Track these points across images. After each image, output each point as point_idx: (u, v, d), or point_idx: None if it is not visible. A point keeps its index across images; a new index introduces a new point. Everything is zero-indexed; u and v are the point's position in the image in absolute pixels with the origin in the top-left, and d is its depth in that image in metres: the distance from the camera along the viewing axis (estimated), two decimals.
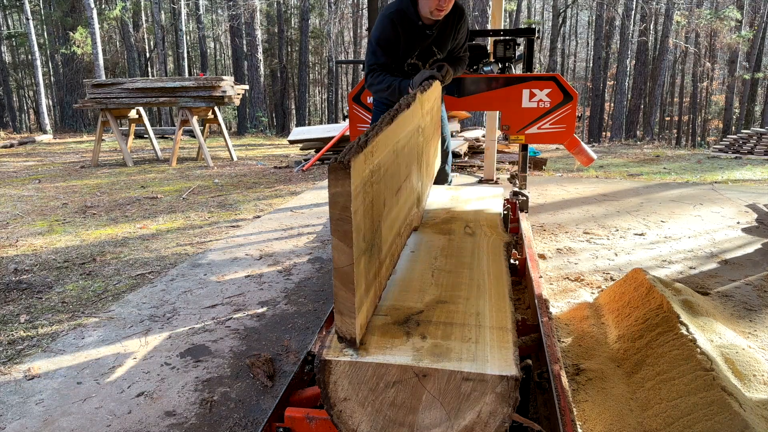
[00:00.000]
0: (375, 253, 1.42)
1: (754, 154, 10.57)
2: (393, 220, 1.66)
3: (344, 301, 1.24)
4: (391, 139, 1.58)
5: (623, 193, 5.95)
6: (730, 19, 20.49)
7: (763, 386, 2.05)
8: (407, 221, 1.95)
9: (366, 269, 1.33)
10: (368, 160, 1.31)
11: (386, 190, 1.53)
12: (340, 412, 1.27)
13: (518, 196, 3.94)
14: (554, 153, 10.90)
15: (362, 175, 1.25)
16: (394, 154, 1.63)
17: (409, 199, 1.98)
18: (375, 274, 1.44)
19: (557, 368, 1.72)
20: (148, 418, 2.07)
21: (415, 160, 2.08)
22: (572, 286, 3.26)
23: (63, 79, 19.73)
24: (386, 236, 1.56)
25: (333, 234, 1.20)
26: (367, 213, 1.31)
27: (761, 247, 3.96)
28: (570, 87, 3.76)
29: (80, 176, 7.87)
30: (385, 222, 1.53)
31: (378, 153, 1.41)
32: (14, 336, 2.76)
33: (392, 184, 1.62)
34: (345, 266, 1.21)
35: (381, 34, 2.77)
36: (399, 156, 1.71)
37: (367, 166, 1.30)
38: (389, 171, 1.57)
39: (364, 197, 1.27)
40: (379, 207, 1.44)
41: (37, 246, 4.32)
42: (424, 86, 2.41)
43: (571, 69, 33.21)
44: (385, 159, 1.50)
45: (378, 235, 1.45)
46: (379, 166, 1.43)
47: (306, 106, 25.47)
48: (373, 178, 1.37)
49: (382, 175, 1.46)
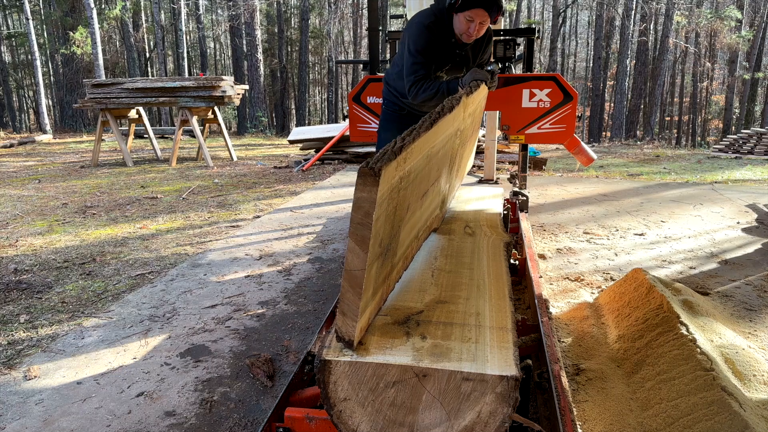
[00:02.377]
0: (389, 257, 1.40)
1: (754, 154, 10.57)
2: (414, 223, 1.63)
3: (350, 304, 1.24)
4: (426, 144, 1.53)
5: (623, 193, 5.94)
6: (730, 19, 20.48)
7: (763, 386, 2.05)
8: (428, 224, 1.92)
9: (377, 273, 1.32)
10: (400, 167, 1.28)
11: (412, 195, 1.50)
12: (340, 412, 1.27)
13: (518, 196, 3.94)
14: (554, 153, 10.89)
15: (391, 182, 1.22)
16: (427, 159, 1.58)
17: (434, 202, 1.96)
18: (385, 278, 1.43)
19: (557, 368, 1.72)
20: (148, 418, 2.07)
21: (447, 163, 2.04)
22: (572, 286, 3.26)
23: (63, 79, 19.73)
24: (404, 240, 1.53)
25: (350, 236, 1.19)
26: (388, 219, 1.29)
27: (761, 247, 3.96)
28: (570, 87, 3.76)
29: (80, 176, 7.87)
30: (405, 226, 1.50)
31: (411, 159, 1.37)
32: (14, 336, 2.76)
33: (419, 189, 1.58)
34: (357, 270, 1.19)
35: (425, 44, 2.59)
36: (431, 161, 1.67)
37: (398, 173, 1.27)
38: (419, 176, 1.53)
39: (388, 204, 1.25)
40: (401, 212, 1.41)
41: (37, 246, 4.32)
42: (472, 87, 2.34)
43: (571, 69, 33.21)
44: (417, 165, 1.46)
45: (396, 239, 1.42)
46: (409, 172, 1.39)
47: (306, 106, 25.48)
48: (402, 184, 1.33)
49: (411, 180, 1.42)
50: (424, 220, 1.83)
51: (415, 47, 2.58)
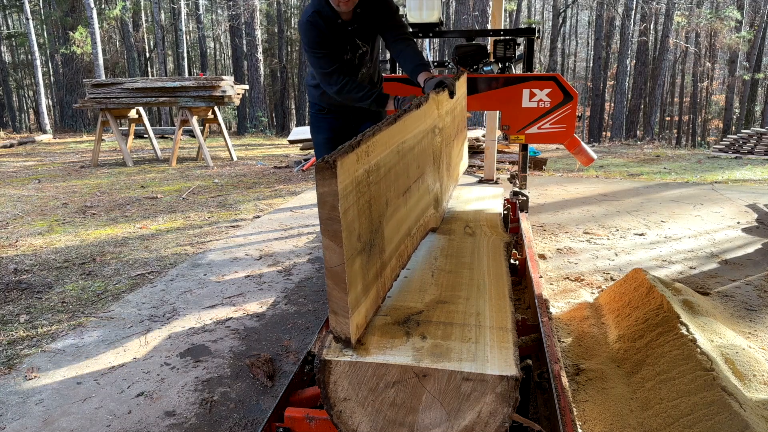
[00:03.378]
0: (375, 253, 1.42)
1: (755, 154, 10.57)
2: (400, 220, 1.65)
3: (338, 301, 1.25)
4: (393, 139, 1.57)
5: (623, 193, 5.94)
6: (730, 19, 20.48)
7: (763, 386, 2.05)
8: (420, 222, 1.93)
9: (363, 269, 1.33)
10: (362, 159, 1.30)
11: (389, 191, 1.52)
12: (340, 412, 1.27)
13: (518, 196, 3.93)
14: (554, 153, 10.90)
15: (354, 175, 1.24)
16: (399, 154, 1.61)
17: (423, 200, 1.97)
18: (376, 275, 1.43)
19: (557, 368, 1.72)
20: (148, 418, 2.07)
21: (430, 162, 2.06)
22: (572, 286, 3.26)
23: (63, 79, 19.73)
24: (391, 236, 1.55)
25: (323, 234, 1.20)
26: (363, 213, 1.30)
27: (761, 247, 3.96)
28: (570, 87, 3.76)
29: (80, 176, 7.87)
30: (388, 222, 1.52)
31: (376, 153, 1.40)
32: (14, 336, 2.76)
33: (398, 185, 1.61)
34: (336, 266, 1.21)
35: (315, 38, 2.59)
36: (406, 157, 1.70)
37: (361, 166, 1.30)
38: (393, 171, 1.55)
39: (357, 197, 1.27)
40: (379, 207, 1.43)
41: (36, 246, 4.32)
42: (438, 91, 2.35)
43: (571, 69, 33.20)
44: (386, 159, 1.49)
45: (379, 235, 1.44)
46: (378, 166, 1.42)
47: (306, 106, 25.46)
48: (370, 178, 1.36)
49: (382, 175, 1.45)
50: (414, 217, 1.83)
51: (309, 46, 2.60)
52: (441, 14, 4.14)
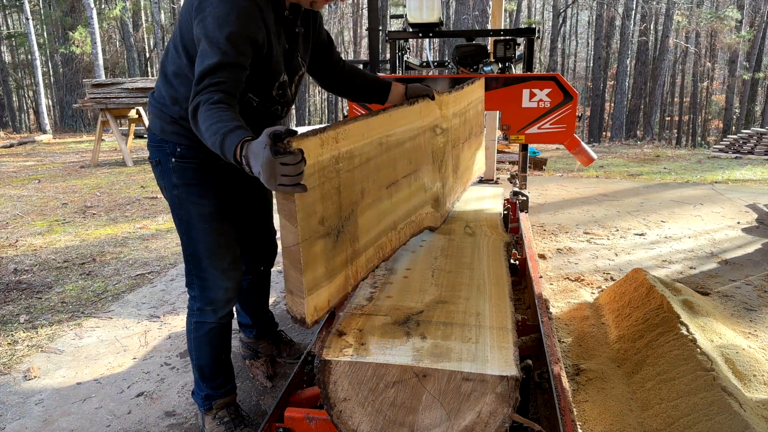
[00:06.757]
0: (345, 240, 1.44)
1: (755, 154, 10.57)
2: (382, 213, 1.67)
3: (293, 281, 1.28)
4: (374, 131, 1.59)
5: (623, 193, 5.95)
6: (731, 19, 20.49)
7: (763, 386, 2.05)
8: (412, 219, 1.94)
9: (327, 254, 1.36)
10: (328, 145, 1.33)
11: (367, 181, 1.55)
12: (340, 412, 1.27)
13: (518, 196, 3.93)
14: (554, 153, 10.90)
15: (317, 158, 1.28)
16: (381, 147, 1.64)
17: (416, 197, 1.97)
18: (345, 261, 1.46)
19: (557, 368, 1.71)
20: (147, 418, 2.07)
21: (428, 160, 2.05)
22: (572, 286, 3.26)
23: (62, 79, 19.74)
24: (368, 227, 1.58)
25: (279, 213, 1.24)
26: (328, 198, 1.33)
27: (761, 247, 3.96)
28: (570, 87, 3.76)
29: (80, 176, 7.87)
30: (364, 212, 1.54)
31: (347, 141, 1.42)
32: (14, 336, 2.76)
33: (380, 177, 1.63)
34: (291, 246, 1.24)
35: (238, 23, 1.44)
36: (392, 151, 1.72)
37: (327, 152, 1.32)
38: (373, 163, 1.58)
39: (322, 181, 1.30)
40: (352, 195, 1.46)
41: (36, 246, 4.32)
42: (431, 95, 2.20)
43: (571, 69, 33.20)
44: (363, 149, 1.52)
45: (351, 223, 1.47)
46: (350, 154, 1.44)
47: (306, 106, 25.48)
48: (340, 165, 1.39)
49: (357, 164, 1.48)
50: (403, 213, 1.84)
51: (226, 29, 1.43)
52: (441, 14, 4.14)
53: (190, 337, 1.87)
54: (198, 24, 1.47)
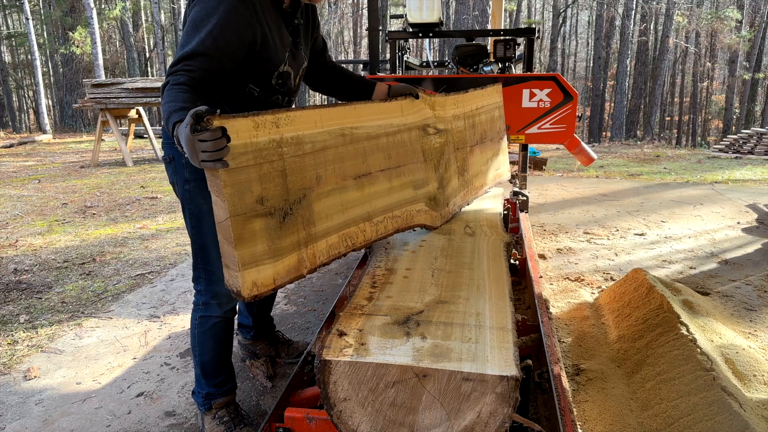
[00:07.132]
0: (297, 223, 1.49)
1: (755, 154, 10.57)
2: (347, 202, 1.69)
3: (227, 255, 1.34)
4: (332, 121, 1.63)
5: (623, 193, 5.95)
6: (731, 19, 20.50)
7: (763, 386, 2.05)
8: (393, 214, 1.93)
9: (270, 233, 1.40)
10: (264, 128, 1.38)
11: (324, 169, 1.59)
12: (340, 412, 1.27)
13: (518, 196, 3.93)
14: (554, 153, 10.90)
15: (251, 140, 1.34)
16: (343, 137, 1.67)
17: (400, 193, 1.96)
18: (297, 244, 1.49)
19: (557, 368, 1.71)
20: (147, 418, 2.07)
21: (417, 158, 2.05)
22: (572, 286, 3.26)
23: (62, 79, 19.74)
24: (328, 213, 1.61)
25: (210, 190, 1.31)
26: (268, 179, 1.39)
27: (761, 247, 3.96)
28: (570, 87, 3.76)
29: (80, 176, 7.87)
30: (322, 199, 1.58)
31: (292, 127, 1.47)
32: (14, 336, 2.76)
33: (344, 167, 1.67)
34: (222, 221, 1.31)
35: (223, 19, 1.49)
36: (360, 143, 1.75)
37: (264, 135, 1.38)
38: (333, 152, 1.63)
39: (258, 162, 1.36)
40: (303, 180, 1.51)
41: (36, 246, 4.32)
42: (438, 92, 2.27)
43: (571, 69, 33.20)
44: (317, 138, 1.56)
45: (303, 207, 1.51)
46: (298, 140, 1.49)
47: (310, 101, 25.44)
48: (284, 149, 1.44)
49: (307, 150, 1.53)
50: (381, 206, 1.85)
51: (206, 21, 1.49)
52: (441, 14, 4.14)
53: (194, 332, 1.89)
54: (191, 11, 1.57)
